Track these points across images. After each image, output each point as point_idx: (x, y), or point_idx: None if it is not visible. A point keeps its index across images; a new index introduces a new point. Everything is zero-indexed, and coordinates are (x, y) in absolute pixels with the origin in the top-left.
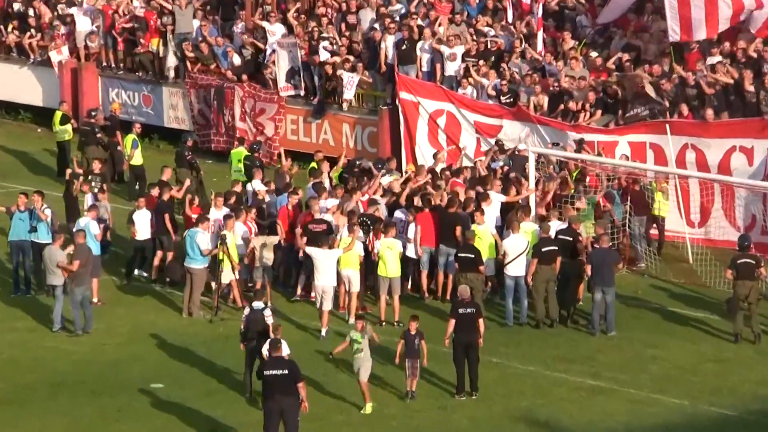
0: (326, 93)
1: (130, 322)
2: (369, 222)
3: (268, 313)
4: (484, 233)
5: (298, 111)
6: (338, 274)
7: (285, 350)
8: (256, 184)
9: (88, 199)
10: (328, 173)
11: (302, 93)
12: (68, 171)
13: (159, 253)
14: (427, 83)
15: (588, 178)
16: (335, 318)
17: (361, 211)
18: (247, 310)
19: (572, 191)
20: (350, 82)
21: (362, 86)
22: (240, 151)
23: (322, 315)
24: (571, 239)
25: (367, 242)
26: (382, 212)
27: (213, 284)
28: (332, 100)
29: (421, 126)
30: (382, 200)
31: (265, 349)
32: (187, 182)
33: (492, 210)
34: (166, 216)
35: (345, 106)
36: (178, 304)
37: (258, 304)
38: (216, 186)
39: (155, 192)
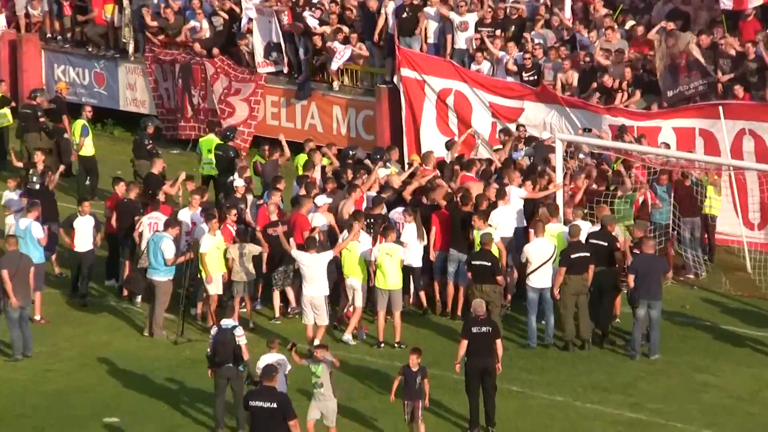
0: (313, 69)
1: (79, 344)
2: (376, 224)
3: (239, 332)
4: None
5: (280, 91)
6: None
7: (282, 378)
8: (238, 180)
9: (3, 197)
10: (321, 165)
11: (284, 69)
12: (40, 162)
13: (128, 263)
14: (434, 57)
15: (634, 171)
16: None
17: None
18: (214, 330)
19: (611, 186)
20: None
21: (356, 61)
22: (210, 139)
23: (317, 330)
24: (606, 244)
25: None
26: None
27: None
28: (320, 77)
29: (428, 109)
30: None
31: (260, 364)
32: (182, 176)
33: (509, 211)
34: (136, 218)
35: (336, 85)
36: (137, 322)
37: (227, 323)
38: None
39: (120, 189)
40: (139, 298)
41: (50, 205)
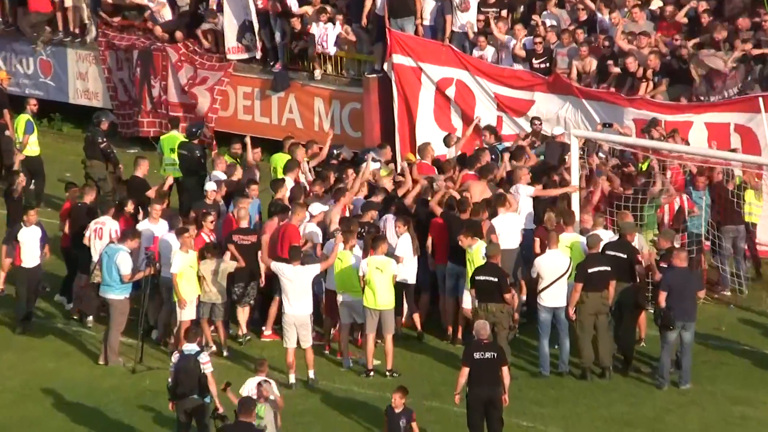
0: (291, 56)
1: (22, 373)
2: (368, 233)
3: (204, 358)
4: (475, 254)
5: (253, 81)
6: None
7: (269, 412)
8: (209, 182)
9: None
10: (308, 166)
11: (258, 55)
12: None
13: (82, 278)
14: (431, 42)
15: (670, 173)
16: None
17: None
18: (175, 357)
19: (638, 190)
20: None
21: (341, 47)
22: (173, 137)
23: (305, 354)
24: (625, 256)
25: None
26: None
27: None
28: (300, 65)
29: (425, 101)
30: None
31: (246, 389)
32: (170, 180)
33: (514, 219)
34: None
35: (318, 74)
36: (89, 347)
37: (190, 348)
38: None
39: (73, 194)
40: (91, 319)
41: (17, 213)
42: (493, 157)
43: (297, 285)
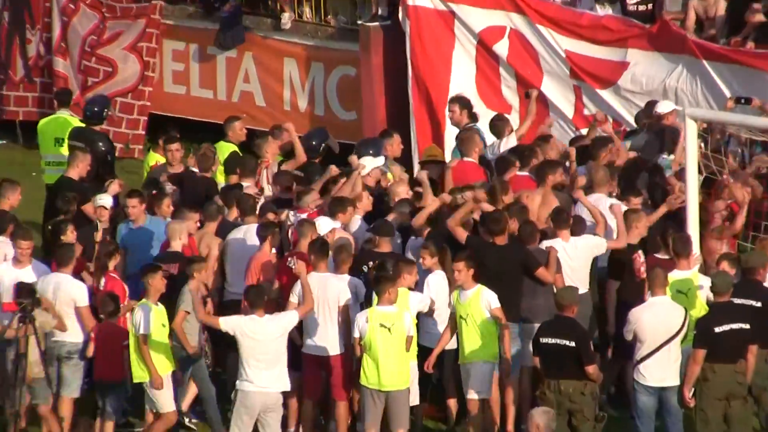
0: None
1: None
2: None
3: None
4: (471, 306)
5: (189, 33)
6: None
7: None
8: (102, 196)
9: None
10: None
11: None
12: None
13: None
14: None
15: None
16: None
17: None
18: None
19: None
20: None
21: None
22: (62, 121)
23: None
24: (759, 304)
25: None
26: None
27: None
28: (260, 9)
29: (461, 63)
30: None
31: None
32: (115, 187)
33: (581, 246)
34: None
35: (286, 19)
36: None
37: None
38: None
39: None
40: None
41: None
42: None
43: (265, 347)
